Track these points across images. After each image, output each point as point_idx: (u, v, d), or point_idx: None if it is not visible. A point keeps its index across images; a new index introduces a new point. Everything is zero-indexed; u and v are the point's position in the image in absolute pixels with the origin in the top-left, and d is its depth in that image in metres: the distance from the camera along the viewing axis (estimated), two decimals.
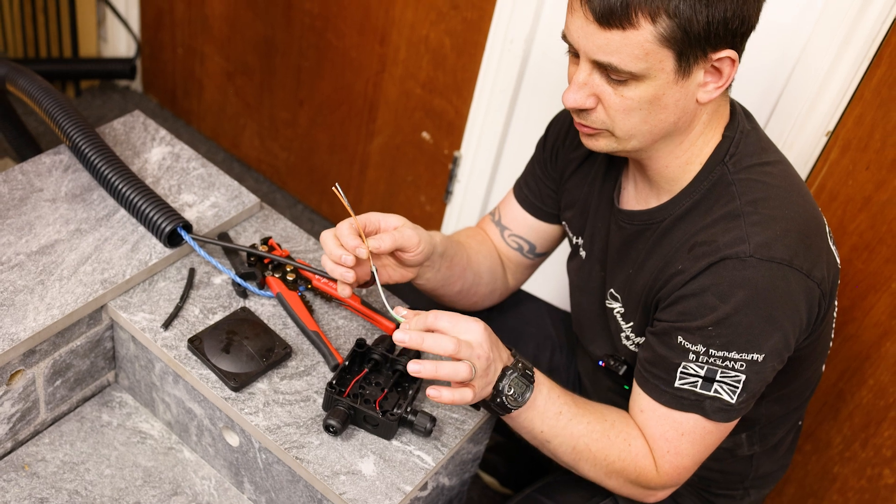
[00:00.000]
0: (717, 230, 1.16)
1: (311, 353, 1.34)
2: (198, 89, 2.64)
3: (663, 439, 1.20)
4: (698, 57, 1.09)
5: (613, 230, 1.32)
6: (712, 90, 1.14)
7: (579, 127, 1.19)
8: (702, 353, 1.15)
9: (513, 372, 1.17)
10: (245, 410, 1.26)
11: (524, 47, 1.87)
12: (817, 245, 1.17)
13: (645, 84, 1.10)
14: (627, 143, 1.17)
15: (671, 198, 1.23)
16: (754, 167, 1.20)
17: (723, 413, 1.18)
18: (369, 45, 2.13)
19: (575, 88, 1.14)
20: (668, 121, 1.15)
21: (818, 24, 1.51)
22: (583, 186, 1.39)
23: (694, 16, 1.05)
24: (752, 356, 1.14)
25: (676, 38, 1.06)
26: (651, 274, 1.23)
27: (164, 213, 1.38)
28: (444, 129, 2.12)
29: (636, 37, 1.06)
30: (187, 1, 2.47)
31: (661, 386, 1.20)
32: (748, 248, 1.13)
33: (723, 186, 1.19)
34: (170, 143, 1.58)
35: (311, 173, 2.49)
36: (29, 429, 1.37)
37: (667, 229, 1.23)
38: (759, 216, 1.15)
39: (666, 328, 1.18)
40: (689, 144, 1.20)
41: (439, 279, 1.37)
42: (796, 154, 1.59)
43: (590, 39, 1.09)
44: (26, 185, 1.46)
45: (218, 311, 1.37)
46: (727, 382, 1.16)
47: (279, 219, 1.53)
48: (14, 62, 1.60)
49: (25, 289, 1.31)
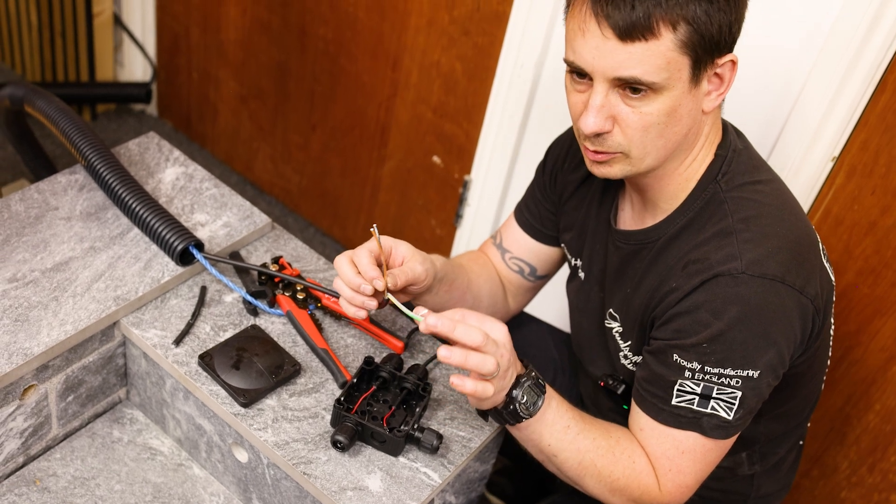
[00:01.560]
0: (710, 248, 1.18)
1: (320, 371, 1.36)
2: (212, 113, 2.68)
3: (664, 457, 1.21)
4: (708, 63, 1.12)
5: (611, 251, 1.34)
6: (715, 98, 1.16)
7: (593, 156, 1.19)
8: (697, 371, 1.16)
9: (526, 380, 1.18)
10: (254, 426, 1.27)
11: (534, 72, 1.90)
12: (810, 262, 1.18)
13: (663, 96, 1.12)
14: (642, 164, 1.18)
15: (665, 217, 1.25)
16: (746, 185, 1.21)
17: (720, 430, 1.19)
18: (382, 70, 2.16)
19: (594, 112, 1.13)
20: (681, 133, 1.17)
21: (823, 50, 1.53)
22: (580, 209, 1.41)
23: (709, 20, 1.08)
24: (748, 372, 1.15)
25: (694, 44, 1.09)
26: (647, 293, 1.25)
27: (177, 231, 1.41)
28: (454, 154, 2.14)
29: (658, 46, 1.08)
30: (203, 26, 2.52)
31: (659, 404, 1.20)
32: (740, 265, 1.14)
33: (715, 204, 1.21)
34: (183, 164, 1.61)
35: (323, 197, 2.52)
36: (41, 444, 1.39)
37: (662, 248, 1.25)
38: (751, 233, 1.17)
39: (661, 346, 1.20)
40: (692, 160, 1.22)
41: (437, 302, 1.38)
42: (803, 179, 1.60)
43: (609, 57, 1.09)
44: (42, 204, 1.49)
45: (228, 328, 1.39)
46: (723, 399, 1.17)
47: (290, 239, 1.55)
48: (33, 84, 1.63)
49: (39, 305, 1.33)
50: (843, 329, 1.64)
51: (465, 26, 1.96)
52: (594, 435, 1.22)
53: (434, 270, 1.31)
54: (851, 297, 1.61)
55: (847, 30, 1.48)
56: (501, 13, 1.89)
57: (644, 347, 1.25)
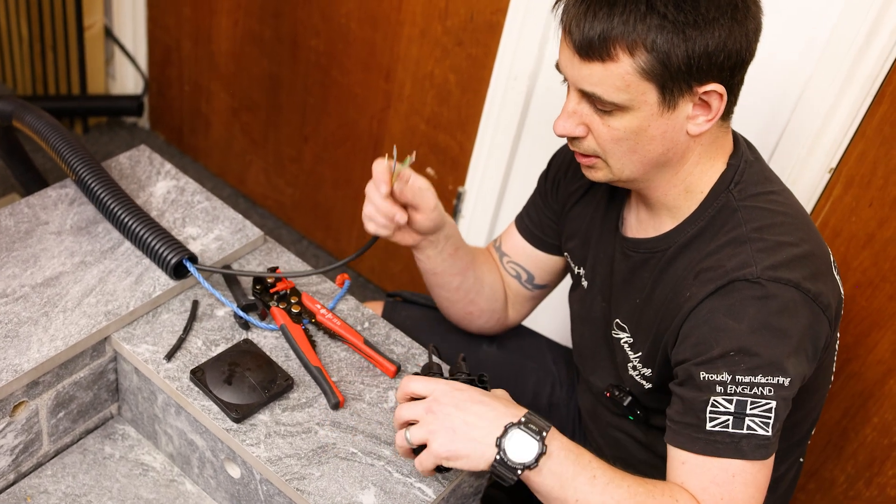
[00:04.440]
0: (723, 255, 1.16)
1: (314, 385, 1.34)
2: (204, 126, 2.66)
3: (714, 485, 1.12)
4: (682, 90, 1.11)
5: (618, 259, 1.32)
6: (703, 123, 1.15)
7: (577, 156, 1.22)
8: (729, 383, 1.11)
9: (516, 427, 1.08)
10: (246, 441, 1.26)
11: (528, 83, 1.89)
12: (823, 273, 1.17)
13: (629, 115, 1.12)
14: (622, 173, 1.19)
15: (676, 225, 1.24)
16: (760, 195, 1.20)
17: (762, 450, 1.12)
18: (374, 82, 2.15)
19: (564, 117, 1.17)
20: (656, 151, 1.16)
21: (820, 62, 1.53)
22: (585, 216, 1.40)
23: (672, 49, 1.07)
24: (778, 379, 1.11)
25: (656, 72, 1.08)
26: (660, 303, 1.23)
27: (170, 245, 1.39)
28: (448, 165, 2.13)
29: (616, 69, 1.08)
30: (194, 38, 2.51)
31: (693, 433, 1.14)
32: (756, 271, 1.13)
33: (728, 213, 1.19)
34: (175, 177, 1.60)
35: (315, 209, 2.51)
36: (32, 461, 1.37)
37: (672, 257, 1.23)
38: (765, 242, 1.15)
39: (687, 370, 1.15)
40: (686, 174, 1.21)
41: (439, 262, 1.38)
42: (800, 191, 1.59)
43: (575, 70, 1.12)
44: (32, 219, 1.47)
45: (221, 342, 1.37)
46: (758, 414, 1.11)
47: (283, 252, 1.54)
48: (22, 99, 1.62)
49: (29, 320, 1.32)
50: (841, 341, 1.63)
51: (459, 37, 1.95)
52: (629, 482, 1.11)
53: (444, 220, 1.35)
54: (849, 309, 1.60)
55: (844, 41, 1.48)
56: (495, 23, 1.88)
57: (670, 384, 1.19)
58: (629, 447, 1.41)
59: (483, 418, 1.10)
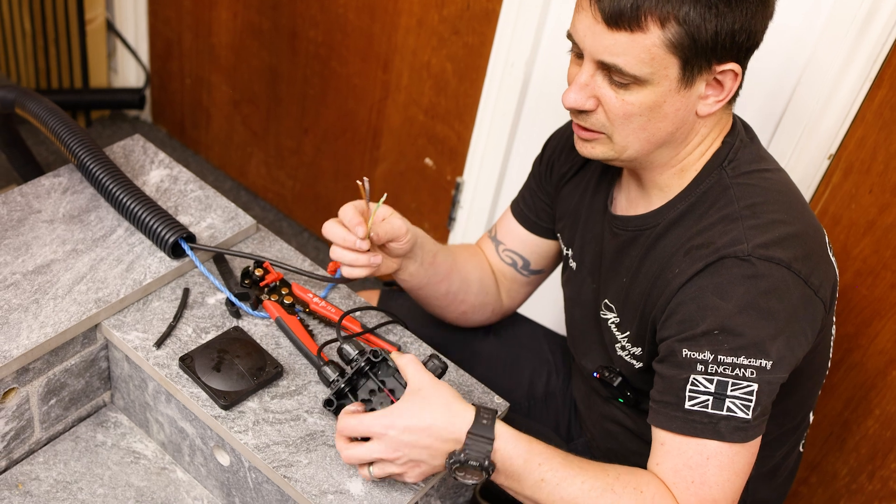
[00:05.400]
0: (714, 233, 1.15)
1: (303, 373, 1.33)
2: (205, 119, 2.66)
3: (686, 468, 1.11)
4: (702, 67, 1.09)
5: (607, 238, 1.31)
6: (712, 103, 1.14)
7: (577, 130, 1.19)
8: (710, 362, 1.10)
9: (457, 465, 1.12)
10: (235, 429, 1.25)
11: (525, 71, 1.88)
12: (817, 252, 1.16)
13: (647, 89, 1.10)
14: (623, 152, 1.17)
15: (666, 202, 1.22)
16: (753, 173, 1.19)
17: (740, 433, 1.11)
18: (372, 72, 2.15)
19: (576, 89, 1.13)
20: (665, 130, 1.14)
21: (818, 46, 1.51)
22: (574, 196, 1.38)
23: (703, 24, 1.05)
24: (761, 362, 1.10)
25: (684, 45, 1.07)
26: (647, 280, 1.22)
27: (169, 223, 1.40)
28: (446, 155, 2.12)
29: (644, 40, 1.06)
30: (195, 31, 2.51)
31: (671, 411, 1.13)
32: (747, 248, 1.11)
33: (720, 190, 1.18)
34: (168, 166, 1.59)
35: (316, 201, 2.50)
36: (24, 447, 1.37)
37: (661, 234, 1.22)
38: (758, 220, 1.14)
39: (669, 346, 1.14)
40: (686, 155, 1.20)
41: (422, 275, 1.37)
42: (798, 177, 1.57)
43: (596, 39, 1.09)
44: (25, 207, 1.47)
45: (211, 330, 1.37)
46: (739, 396, 1.10)
47: (275, 240, 1.53)
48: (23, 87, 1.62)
49: (20, 307, 1.31)
50: (842, 331, 1.61)
51: (456, 25, 1.94)
52: (583, 478, 1.12)
53: (416, 232, 1.32)
54: (850, 299, 1.58)
55: (842, 26, 1.46)
56: (491, 11, 1.87)
57: (653, 362, 1.19)
58: (620, 437, 1.40)
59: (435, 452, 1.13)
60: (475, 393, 1.35)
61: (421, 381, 1.16)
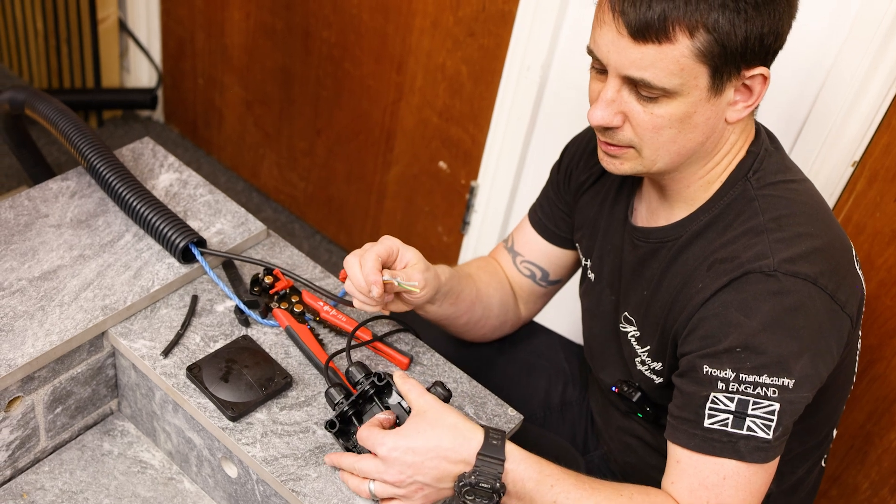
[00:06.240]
0: (739, 246, 1.11)
1: (313, 384, 1.31)
2: (218, 119, 2.64)
3: (702, 488, 1.09)
4: (732, 74, 1.06)
5: (627, 250, 1.28)
6: (741, 109, 1.10)
7: (603, 146, 1.15)
8: (731, 380, 1.07)
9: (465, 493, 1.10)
10: (242, 441, 1.22)
11: (541, 74, 1.85)
12: (843, 266, 1.12)
13: (677, 101, 1.07)
14: (653, 165, 1.13)
15: (689, 213, 1.19)
16: (779, 184, 1.15)
17: (760, 452, 1.08)
18: (386, 74, 2.12)
19: (602, 105, 1.09)
20: (696, 140, 1.11)
21: (843, 52, 1.47)
22: (593, 206, 1.35)
23: (732, 30, 1.02)
24: (783, 381, 1.07)
25: (713, 54, 1.03)
26: (669, 294, 1.18)
27: (179, 228, 1.39)
28: (460, 159, 2.09)
29: (672, 51, 1.03)
30: (207, 30, 2.48)
31: (690, 429, 1.10)
32: (773, 263, 1.08)
33: (744, 202, 1.14)
34: (178, 170, 1.57)
35: (329, 203, 2.47)
36: (29, 456, 1.35)
37: (683, 246, 1.18)
38: (784, 233, 1.10)
39: (690, 362, 1.11)
40: (714, 165, 1.16)
41: (441, 314, 1.34)
42: (821, 184, 1.54)
43: (622, 54, 1.05)
44: (32, 211, 1.45)
45: (219, 339, 1.34)
46: (760, 416, 1.07)
47: (286, 246, 1.50)
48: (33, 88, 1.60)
49: (25, 314, 1.29)
50: (865, 343, 1.57)
51: (471, 27, 1.91)
52: (596, 499, 1.09)
53: (437, 284, 1.27)
54: (874, 309, 1.55)
55: (867, 32, 1.42)
56: (507, 13, 1.84)
57: (673, 375, 1.16)
58: (639, 451, 1.37)
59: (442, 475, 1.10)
60: (489, 405, 1.32)
61: (426, 403, 1.13)
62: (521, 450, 1.12)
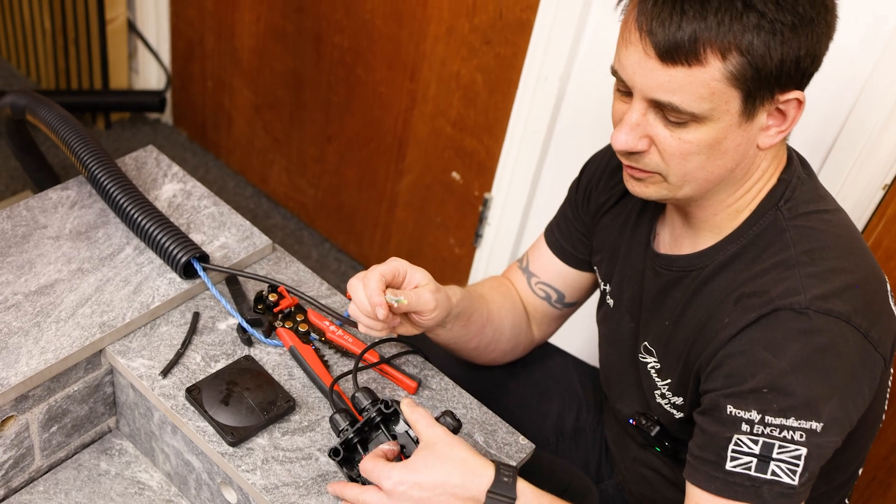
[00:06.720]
0: (768, 280, 1.05)
1: (317, 407, 1.26)
2: (227, 123, 2.59)
3: None
4: (765, 98, 1.00)
5: (649, 276, 1.22)
6: (774, 134, 1.04)
7: (630, 170, 1.10)
8: (756, 422, 1.01)
9: None
10: (242, 467, 1.17)
11: (559, 85, 1.79)
12: (878, 303, 1.06)
13: (706, 126, 1.01)
14: (679, 191, 1.08)
15: (715, 242, 1.13)
16: (811, 214, 1.09)
17: (784, 499, 1.02)
18: (399, 81, 2.07)
19: (626, 129, 1.04)
20: (726, 167, 1.05)
21: (874, 72, 1.41)
22: (613, 228, 1.29)
23: (767, 53, 0.96)
24: (811, 424, 1.01)
25: (746, 77, 0.97)
26: (692, 327, 1.13)
27: (181, 242, 1.34)
28: (474, 170, 2.04)
29: (702, 75, 0.97)
30: (217, 32, 2.44)
31: (711, 471, 1.05)
32: (804, 300, 1.02)
33: (775, 233, 1.09)
34: (182, 180, 1.52)
35: (339, 211, 2.42)
36: (23, 476, 1.30)
37: (709, 277, 1.13)
38: (816, 268, 1.04)
39: (714, 400, 1.05)
40: (744, 192, 1.10)
41: (451, 337, 1.29)
42: (850, 208, 1.48)
43: (649, 76, 1.00)
44: (30, 222, 1.40)
45: (221, 358, 1.29)
46: (785, 460, 1.02)
47: (292, 262, 1.45)
48: (35, 93, 1.56)
49: (20, 331, 1.25)
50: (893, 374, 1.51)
51: (487, 35, 1.86)
52: None
53: (448, 306, 1.22)
54: None
55: None
56: (525, 21, 1.78)
57: (695, 412, 1.10)
58: (655, 484, 1.31)
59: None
60: (499, 432, 1.27)
61: (434, 435, 1.08)
62: (533, 488, 1.06)
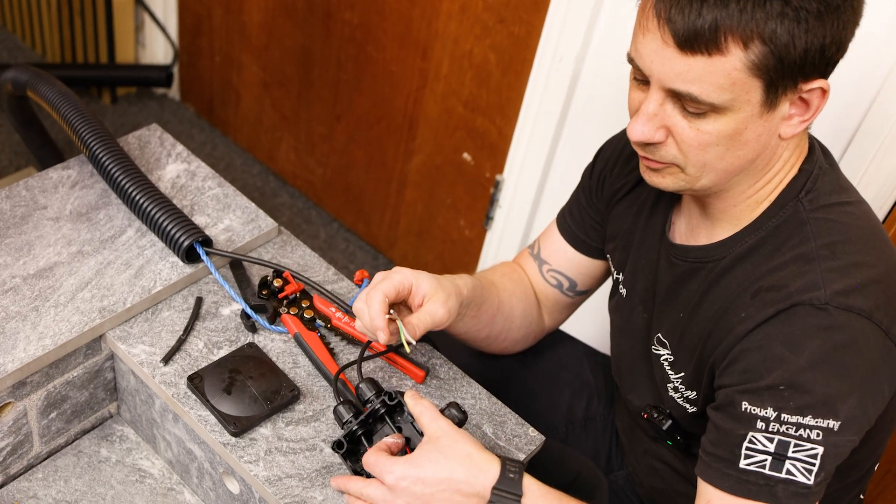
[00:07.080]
0: (787, 274, 1.02)
1: (321, 396, 1.23)
2: (235, 99, 2.55)
3: None
4: (788, 87, 0.96)
5: (663, 267, 1.18)
6: (797, 124, 1.00)
7: (646, 161, 1.06)
8: (772, 420, 0.98)
9: None
10: (244, 458, 1.14)
11: (574, 66, 1.75)
12: None
13: (726, 117, 0.97)
14: (697, 182, 1.04)
15: (733, 233, 1.10)
16: (833, 206, 1.06)
17: (799, 498, 0.99)
18: (410, 59, 2.02)
19: (643, 120, 1.00)
20: (746, 158, 1.01)
21: None
22: (627, 217, 1.25)
23: (791, 41, 0.92)
24: (829, 423, 0.98)
25: (769, 67, 0.93)
26: (708, 320, 1.09)
27: (184, 226, 1.31)
28: (486, 151, 2.00)
29: (723, 64, 0.93)
30: (225, 6, 2.39)
31: (724, 468, 1.02)
32: (824, 295, 0.98)
33: (795, 225, 1.05)
34: (186, 160, 1.48)
35: (347, 191, 2.39)
36: (21, 463, 1.28)
37: (725, 269, 1.09)
38: (837, 262, 1.01)
39: (729, 396, 1.02)
40: (764, 183, 1.06)
41: (461, 328, 1.26)
42: (871, 198, 1.44)
43: (667, 65, 0.96)
44: (30, 202, 1.37)
45: (224, 345, 1.26)
46: (801, 459, 0.99)
47: (298, 245, 1.42)
48: (36, 67, 1.52)
49: (18, 315, 1.22)
50: None
51: (501, 13, 1.81)
52: None
53: (459, 302, 1.19)
54: None
55: None
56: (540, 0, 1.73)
57: (708, 407, 1.07)
58: (666, 477, 1.28)
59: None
60: (508, 424, 1.24)
61: (438, 429, 1.05)
62: (539, 484, 1.03)
